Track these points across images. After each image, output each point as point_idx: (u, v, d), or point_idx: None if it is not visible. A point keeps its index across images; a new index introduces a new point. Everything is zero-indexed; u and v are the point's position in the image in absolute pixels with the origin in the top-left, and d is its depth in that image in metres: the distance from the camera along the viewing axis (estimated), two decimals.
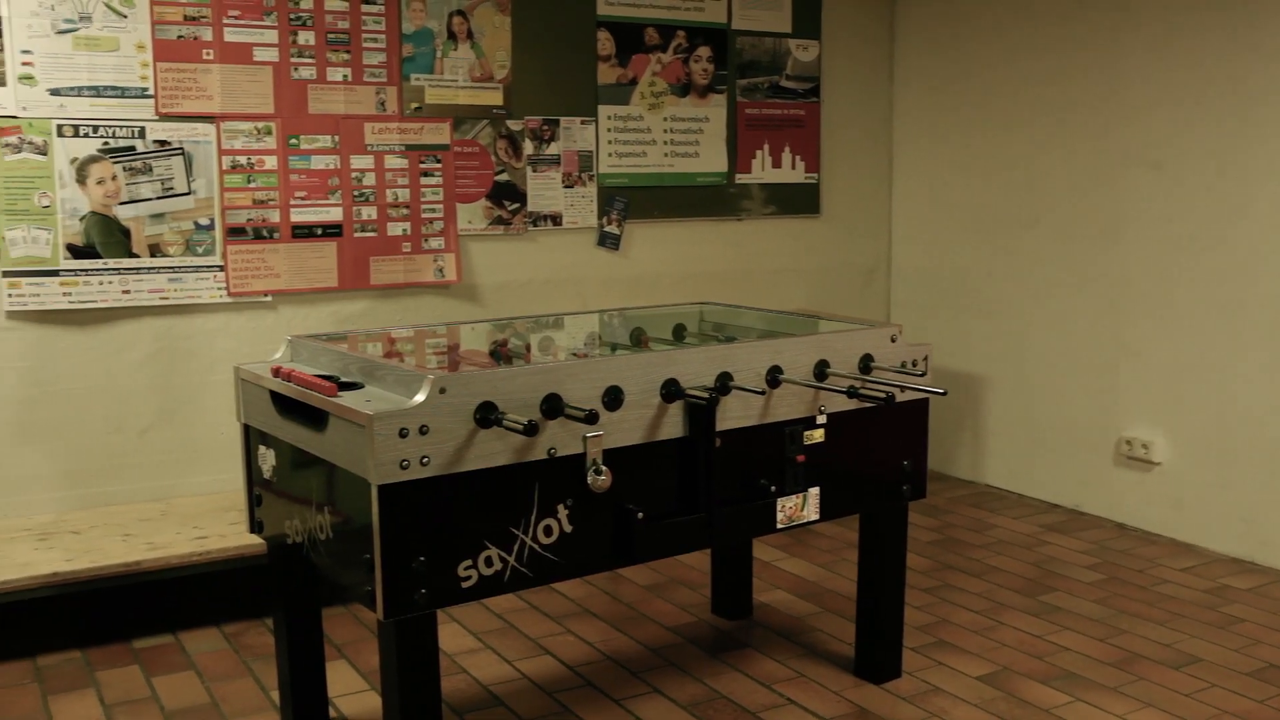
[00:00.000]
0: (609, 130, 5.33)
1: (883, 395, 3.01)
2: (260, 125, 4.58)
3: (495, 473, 2.57)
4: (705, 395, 2.84)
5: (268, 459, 3.01)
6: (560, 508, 2.68)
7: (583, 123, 5.26)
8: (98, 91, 4.32)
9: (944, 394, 3.15)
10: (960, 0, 5.67)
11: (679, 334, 3.75)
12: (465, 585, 2.56)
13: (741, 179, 5.70)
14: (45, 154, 4.25)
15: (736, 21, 5.60)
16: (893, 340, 3.31)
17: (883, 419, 3.30)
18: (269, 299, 4.66)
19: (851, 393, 3.07)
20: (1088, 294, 5.15)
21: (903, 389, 3.20)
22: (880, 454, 3.32)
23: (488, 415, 2.53)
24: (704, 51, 5.53)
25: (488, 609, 4.15)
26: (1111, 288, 5.04)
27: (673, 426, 2.87)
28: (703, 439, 2.89)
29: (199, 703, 3.48)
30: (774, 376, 3.05)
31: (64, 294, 4.32)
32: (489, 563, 2.58)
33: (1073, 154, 5.17)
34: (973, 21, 5.61)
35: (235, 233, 4.56)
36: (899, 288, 6.18)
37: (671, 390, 2.85)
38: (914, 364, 3.34)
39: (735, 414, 2.98)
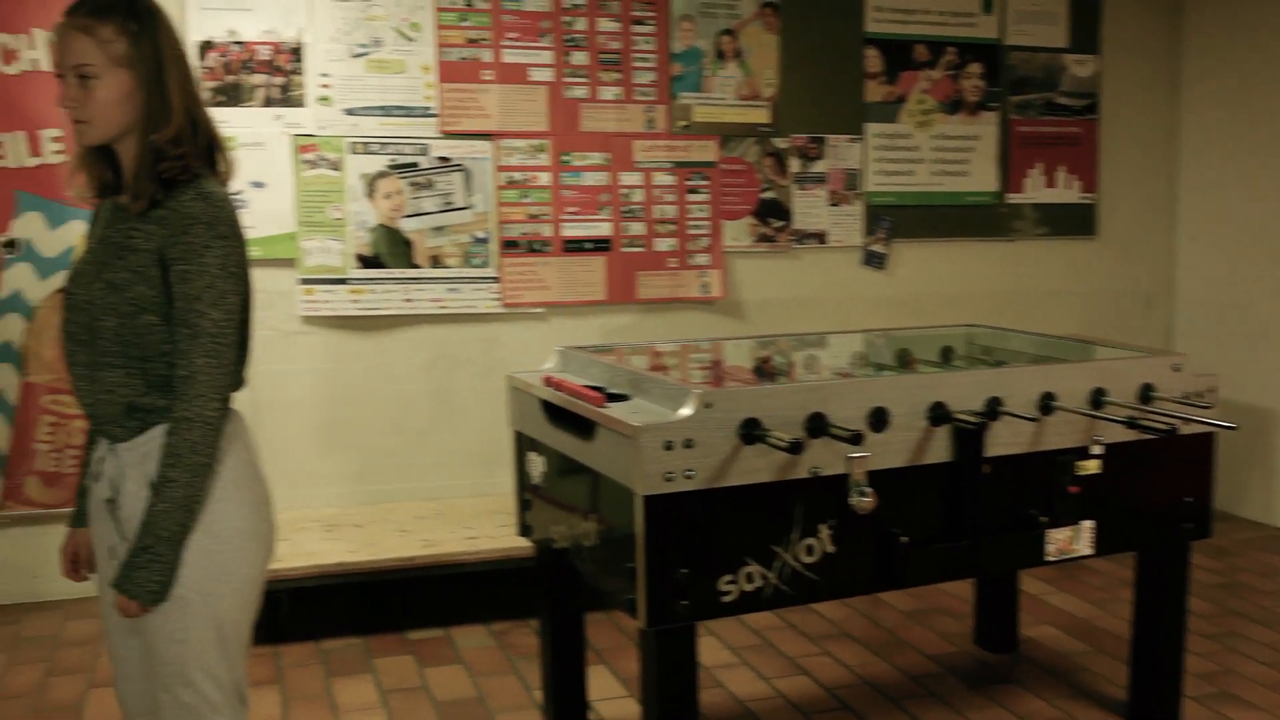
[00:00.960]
0: (876, 148, 5.27)
1: (1165, 427, 2.85)
2: (535, 143, 4.75)
3: (758, 489, 2.58)
4: (974, 420, 2.77)
5: (537, 465, 3.11)
6: (822, 527, 2.66)
7: (850, 140, 5.22)
8: (386, 111, 4.58)
9: (1234, 429, 2.96)
10: (1254, 9, 5.33)
11: (946, 356, 3.67)
12: (725, 599, 2.57)
13: (1013, 198, 5.53)
14: (338, 170, 4.54)
15: (1010, 37, 5.44)
16: (1176, 369, 3.13)
17: (1164, 452, 3.12)
18: (540, 310, 4.82)
19: (1131, 423, 2.93)
20: None
21: (1187, 421, 3.03)
22: (1160, 489, 3.15)
23: (752, 431, 2.54)
24: (975, 68, 5.40)
25: (746, 625, 4.16)
26: None
27: (939, 450, 2.80)
28: (970, 464, 2.82)
29: (466, 696, 3.62)
30: (1046, 403, 2.93)
31: (352, 301, 4.59)
32: (750, 579, 2.58)
33: None
34: (1269, 31, 5.26)
35: (510, 246, 4.74)
36: (1183, 314, 5.85)
37: (939, 413, 2.78)
38: (1199, 395, 3.15)
39: (1004, 440, 2.88)
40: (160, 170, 2.03)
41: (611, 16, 4.81)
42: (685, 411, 2.49)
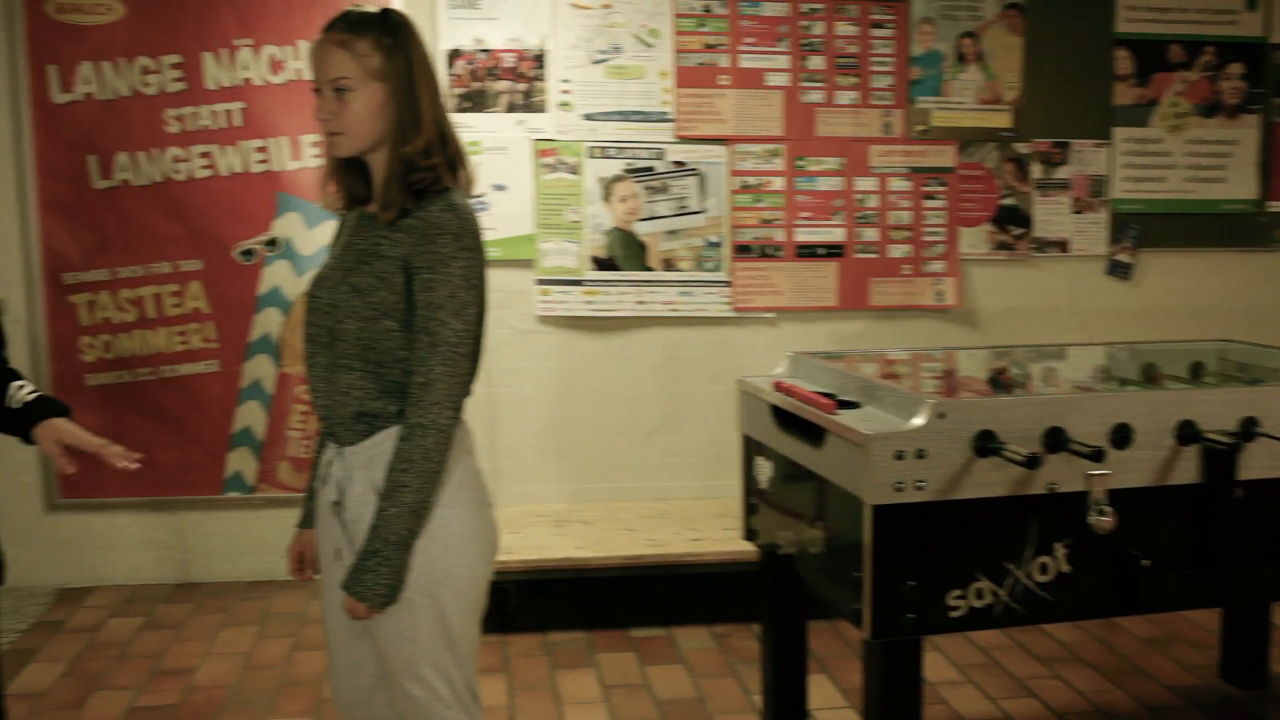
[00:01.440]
0: (1124, 153, 5.06)
1: None
2: (770, 147, 4.75)
3: (991, 503, 2.51)
4: (1226, 440, 2.62)
5: (764, 470, 3.11)
6: (1058, 546, 2.57)
7: (1096, 145, 5.03)
8: (624, 116, 4.67)
9: None
10: None
11: (1196, 373, 3.49)
12: (953, 615, 2.52)
13: (1274, 207, 5.21)
14: (576, 173, 4.65)
15: (1277, 35, 5.13)
16: None
17: None
18: (771, 315, 4.82)
19: None
20: None
21: None
22: None
23: (986, 444, 2.48)
24: (1236, 69, 5.11)
25: (972, 642, 4.06)
26: None
27: (1186, 471, 2.67)
28: (1221, 488, 2.67)
29: (686, 696, 3.66)
30: None
31: (587, 302, 4.70)
32: (979, 595, 2.52)
33: None
34: None
35: (742, 250, 4.77)
36: None
37: (1187, 432, 2.65)
38: None
39: (1260, 463, 2.72)
40: (411, 181, 2.09)
41: (850, 20, 4.78)
42: (918, 421, 2.45)
